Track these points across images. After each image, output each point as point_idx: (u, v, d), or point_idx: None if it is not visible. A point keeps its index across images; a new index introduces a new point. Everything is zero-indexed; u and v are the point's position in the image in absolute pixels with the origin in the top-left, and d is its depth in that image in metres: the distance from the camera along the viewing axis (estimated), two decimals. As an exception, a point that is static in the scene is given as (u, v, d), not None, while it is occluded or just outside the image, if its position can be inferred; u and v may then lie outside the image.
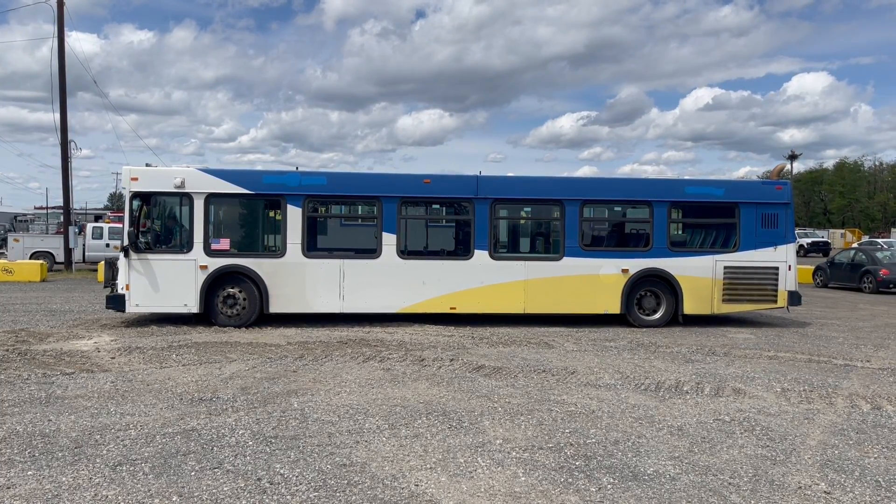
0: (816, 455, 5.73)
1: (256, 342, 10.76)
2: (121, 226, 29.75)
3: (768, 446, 5.94)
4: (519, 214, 14.23)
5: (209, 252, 12.29)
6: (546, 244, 13.92)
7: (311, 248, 12.78)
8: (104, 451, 5.53)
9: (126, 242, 12.13)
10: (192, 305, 12.24)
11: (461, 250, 13.27)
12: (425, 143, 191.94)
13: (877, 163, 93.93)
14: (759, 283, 13.30)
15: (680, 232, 14.07)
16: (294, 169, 13.06)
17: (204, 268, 12.22)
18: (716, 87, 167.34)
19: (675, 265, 13.14)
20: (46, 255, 26.33)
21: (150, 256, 12.21)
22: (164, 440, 5.83)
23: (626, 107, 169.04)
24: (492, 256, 12.90)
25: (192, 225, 12.28)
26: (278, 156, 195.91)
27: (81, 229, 28.12)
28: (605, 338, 11.84)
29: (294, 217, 12.51)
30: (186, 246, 12.31)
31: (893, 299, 20.95)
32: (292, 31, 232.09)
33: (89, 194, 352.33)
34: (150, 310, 12.53)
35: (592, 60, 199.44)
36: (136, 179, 12.24)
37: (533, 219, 14.45)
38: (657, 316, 13.23)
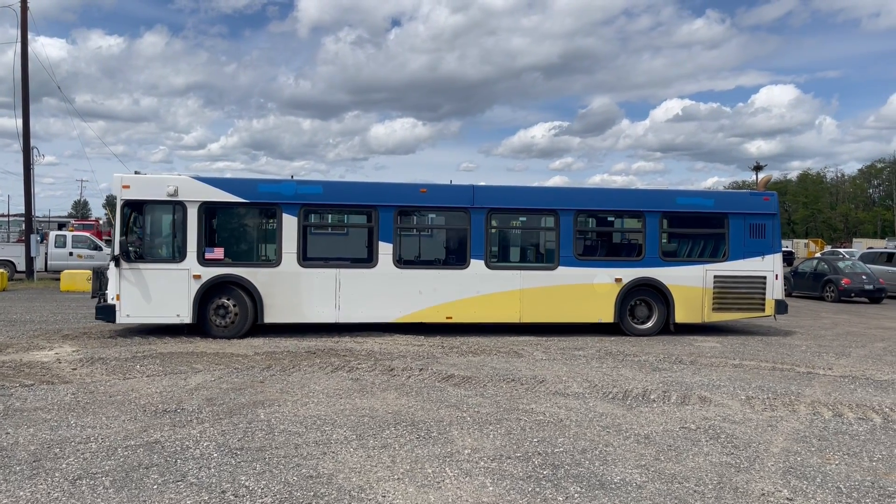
0: (779, 462, 5.81)
1: (223, 352, 10.62)
2: (85, 234, 29.25)
3: (733, 454, 6.01)
4: (514, 224, 14.27)
5: (203, 261, 12.08)
6: (541, 254, 13.96)
7: (307, 257, 12.61)
8: (63, 465, 5.40)
9: (117, 251, 11.85)
10: (185, 316, 12.01)
11: (457, 260, 13.20)
12: (398, 151, 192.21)
13: (839, 174, 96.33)
14: (747, 292, 13.56)
15: (671, 242, 14.25)
16: (289, 178, 12.96)
17: (197, 277, 12.02)
18: (686, 99, 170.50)
19: (666, 274, 13.33)
20: (7, 264, 25.71)
21: (141, 266, 11.97)
22: (125, 453, 5.71)
23: (598, 117, 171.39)
24: (488, 266, 12.93)
25: (186, 234, 12.07)
26: (248, 163, 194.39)
27: (44, 237, 27.56)
28: (574, 347, 11.91)
29: (290, 226, 12.38)
30: (179, 255, 12.10)
31: (855, 308, 21.43)
32: (265, 38, 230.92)
33: (53, 202, 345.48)
34: (141, 321, 12.27)
35: (566, 71, 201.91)
36: (127, 187, 11.98)
37: (528, 228, 14.45)
38: (649, 325, 13.40)
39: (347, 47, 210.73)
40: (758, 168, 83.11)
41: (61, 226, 44.49)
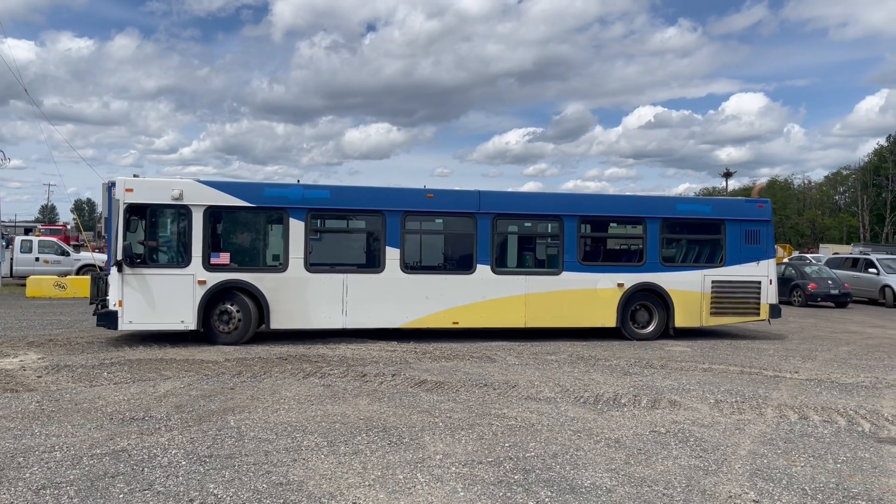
0: (746, 464, 5.90)
1: (193, 359, 10.49)
2: (52, 239, 28.73)
3: (701, 457, 6.09)
4: (520, 229, 14.32)
5: (208, 266, 11.86)
6: (546, 259, 14.04)
7: (314, 262, 12.44)
8: (27, 475, 5.29)
9: (120, 256, 11.54)
10: (190, 322, 11.79)
11: (464, 265, 13.16)
12: (372, 156, 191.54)
13: (806, 181, 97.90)
14: (743, 297, 13.83)
15: (671, 247, 14.42)
16: (296, 182, 12.85)
17: (202, 283, 11.79)
18: (658, 106, 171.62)
19: (666, 280, 13.53)
20: (-29, 270, 25.14)
21: (144, 271, 11.68)
22: (91, 462, 5.61)
23: (572, 124, 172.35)
24: (493, 271, 12.94)
25: (191, 238, 11.83)
26: (221, 168, 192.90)
27: (9, 242, 27.01)
28: (547, 351, 11.97)
29: (296, 231, 12.24)
30: (184, 260, 11.87)
31: (821, 312, 21.83)
32: (239, 41, 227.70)
33: (19, 206, 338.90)
34: (144, 327, 11.97)
35: (540, 78, 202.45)
36: (130, 191, 11.71)
37: (533, 234, 14.55)
38: (650, 329, 13.58)
39: (322, 52, 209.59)
40: (728, 175, 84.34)
41: (28, 230, 43.63)
